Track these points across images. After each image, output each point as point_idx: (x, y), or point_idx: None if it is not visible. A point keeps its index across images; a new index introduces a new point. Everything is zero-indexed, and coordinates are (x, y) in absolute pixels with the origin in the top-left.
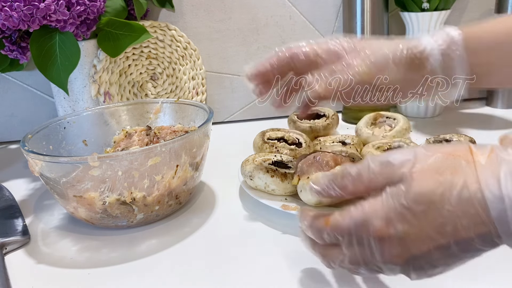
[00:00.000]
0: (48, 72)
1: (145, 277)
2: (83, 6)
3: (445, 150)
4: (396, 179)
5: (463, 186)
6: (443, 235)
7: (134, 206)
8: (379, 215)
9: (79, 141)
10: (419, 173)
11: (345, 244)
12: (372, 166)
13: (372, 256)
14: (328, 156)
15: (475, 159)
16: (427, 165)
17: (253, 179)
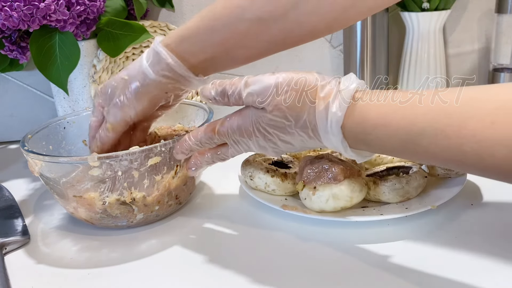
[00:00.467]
0: (48, 72)
1: (145, 277)
2: (83, 6)
3: (299, 88)
4: (260, 106)
5: (305, 121)
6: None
7: (134, 206)
8: (247, 126)
9: (79, 141)
10: (276, 107)
11: (230, 143)
12: (242, 95)
13: (248, 147)
14: (337, 168)
15: (316, 102)
16: (282, 102)
17: (253, 179)
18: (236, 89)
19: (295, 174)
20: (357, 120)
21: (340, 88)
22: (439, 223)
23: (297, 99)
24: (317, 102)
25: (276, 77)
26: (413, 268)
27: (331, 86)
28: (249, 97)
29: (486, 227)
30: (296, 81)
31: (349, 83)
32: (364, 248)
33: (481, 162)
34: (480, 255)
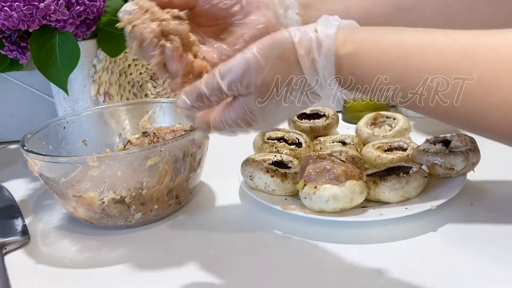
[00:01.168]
0: (48, 72)
1: (144, 277)
2: (83, 6)
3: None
4: (244, 92)
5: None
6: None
7: (131, 205)
8: (242, 117)
9: (78, 141)
10: (263, 85)
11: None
12: (224, 89)
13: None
14: (339, 169)
15: (301, 61)
16: (266, 76)
17: (253, 179)
18: (214, 86)
19: (295, 174)
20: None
21: (319, 36)
22: (439, 223)
23: (280, 67)
24: (301, 60)
25: (247, 56)
26: (413, 268)
27: (307, 37)
28: (232, 88)
29: (486, 227)
30: (268, 47)
31: (326, 28)
32: (364, 248)
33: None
34: (480, 255)
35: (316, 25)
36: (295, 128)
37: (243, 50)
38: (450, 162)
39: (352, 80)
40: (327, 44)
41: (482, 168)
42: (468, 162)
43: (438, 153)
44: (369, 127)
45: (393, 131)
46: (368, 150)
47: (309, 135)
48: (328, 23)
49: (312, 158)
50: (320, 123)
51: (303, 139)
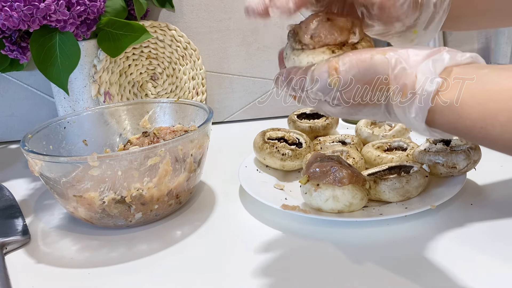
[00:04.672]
0: (48, 72)
1: (145, 276)
2: (83, 6)
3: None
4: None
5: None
6: None
7: (132, 205)
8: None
9: (79, 141)
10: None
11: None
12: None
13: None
14: (345, 173)
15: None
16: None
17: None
18: (302, 85)
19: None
20: (446, 119)
21: (416, 87)
22: (439, 223)
23: (368, 92)
24: (392, 95)
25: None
26: (413, 268)
27: (404, 78)
28: (316, 94)
29: (486, 227)
30: (362, 71)
31: (426, 79)
32: (364, 248)
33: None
34: (480, 255)
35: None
36: (295, 128)
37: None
38: (452, 160)
39: (448, 128)
40: (423, 100)
41: (482, 168)
42: (470, 160)
43: (439, 152)
44: (369, 127)
45: (393, 131)
46: (368, 150)
47: (309, 135)
48: (431, 71)
49: (321, 156)
50: (320, 123)
51: (303, 139)
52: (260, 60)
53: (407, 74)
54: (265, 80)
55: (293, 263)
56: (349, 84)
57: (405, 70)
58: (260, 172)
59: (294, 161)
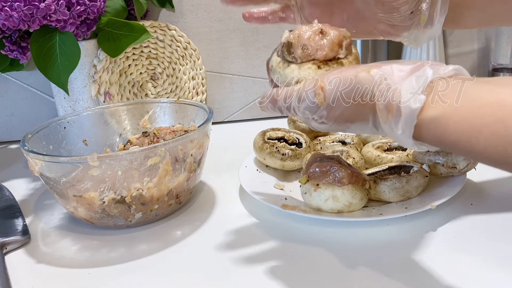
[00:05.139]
0: (48, 72)
1: (145, 276)
2: (83, 6)
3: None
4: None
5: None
6: None
7: (132, 205)
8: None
9: (79, 141)
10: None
11: None
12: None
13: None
14: (345, 173)
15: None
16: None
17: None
18: (291, 101)
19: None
20: (433, 136)
21: (401, 106)
22: (439, 223)
23: (355, 111)
24: (379, 112)
25: (327, 91)
26: (413, 268)
27: (388, 92)
28: (306, 113)
29: (486, 227)
30: (349, 91)
31: (408, 97)
32: (364, 248)
33: None
34: (480, 255)
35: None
36: (295, 128)
37: (326, 79)
38: (452, 160)
39: (435, 142)
40: (407, 119)
41: (482, 168)
42: (470, 160)
43: (439, 152)
44: None
45: None
46: (368, 150)
47: (309, 135)
48: (414, 89)
49: (320, 156)
50: None
51: (303, 139)
52: (260, 60)
53: (392, 90)
54: (265, 80)
55: (293, 263)
56: (336, 102)
57: (389, 86)
58: (260, 172)
59: (294, 161)
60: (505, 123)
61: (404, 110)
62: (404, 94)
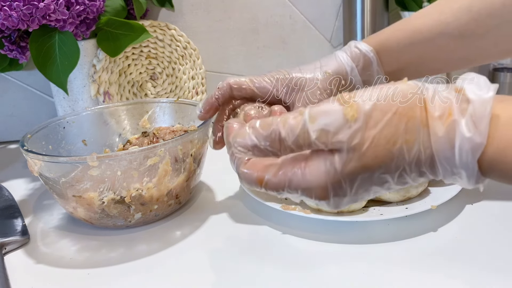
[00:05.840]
0: (48, 72)
1: (144, 277)
2: (83, 6)
3: (398, 110)
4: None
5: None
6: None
7: (131, 205)
8: (321, 184)
9: (78, 141)
10: (371, 146)
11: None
12: (311, 134)
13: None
14: None
15: (431, 124)
16: (378, 134)
17: None
18: (297, 129)
19: None
20: (499, 146)
21: (469, 97)
22: (439, 223)
23: (400, 126)
24: (431, 124)
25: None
26: (413, 268)
27: (443, 97)
28: (323, 137)
29: (486, 227)
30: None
31: (480, 89)
32: (364, 248)
33: None
34: (480, 255)
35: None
36: None
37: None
38: None
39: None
40: (480, 108)
41: None
42: None
43: None
44: None
45: None
46: None
47: None
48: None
49: None
50: None
51: None
52: (260, 60)
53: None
54: None
55: (293, 263)
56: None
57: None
58: None
59: None
60: None
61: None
62: (468, 86)
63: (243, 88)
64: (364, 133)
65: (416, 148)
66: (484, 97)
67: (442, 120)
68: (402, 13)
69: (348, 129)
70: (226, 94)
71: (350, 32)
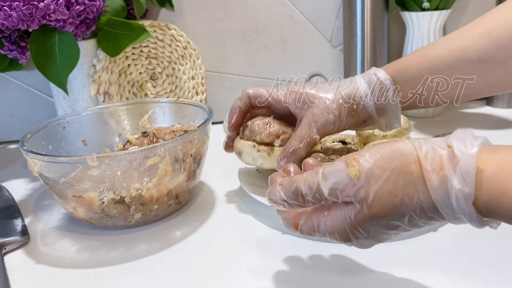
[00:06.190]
0: (48, 72)
1: (144, 277)
2: (83, 6)
3: (395, 166)
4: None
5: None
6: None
7: (131, 205)
8: (341, 230)
9: (78, 141)
10: (375, 199)
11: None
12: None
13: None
14: None
15: (426, 178)
16: (380, 189)
17: (242, 155)
18: (313, 186)
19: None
20: (491, 193)
21: (456, 153)
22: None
23: (398, 181)
24: (427, 176)
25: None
26: (413, 268)
27: (436, 152)
28: (333, 194)
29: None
30: (387, 158)
31: (465, 146)
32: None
33: None
34: (480, 255)
35: (450, 140)
36: None
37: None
38: None
39: (493, 207)
40: (466, 162)
41: None
42: None
43: None
44: None
45: (393, 130)
46: None
47: None
48: (467, 141)
49: (320, 157)
50: None
51: None
52: (260, 60)
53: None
54: (265, 80)
55: (293, 263)
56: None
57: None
58: (260, 172)
59: None
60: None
61: (461, 156)
62: (456, 144)
63: (260, 98)
64: (368, 189)
65: (416, 198)
66: (469, 153)
67: (435, 173)
68: (402, 13)
69: (353, 186)
70: (247, 103)
71: (350, 32)
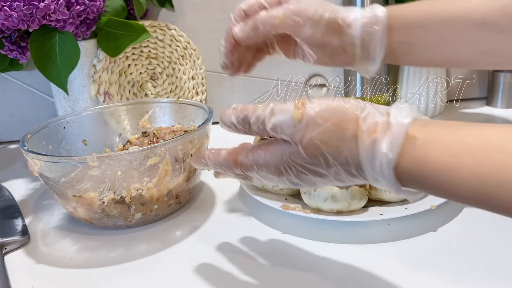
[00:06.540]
0: (48, 72)
1: (144, 277)
2: (83, 6)
3: (336, 120)
4: (287, 139)
5: (346, 158)
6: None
7: (131, 205)
8: (277, 164)
9: (78, 141)
10: (309, 144)
11: (255, 177)
12: (267, 126)
13: (277, 183)
14: None
15: (359, 137)
16: (316, 136)
17: None
18: (260, 118)
19: None
20: (414, 162)
21: (391, 121)
22: (439, 223)
23: (334, 133)
24: (360, 136)
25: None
26: (413, 268)
27: (375, 117)
28: (275, 129)
29: (486, 227)
30: (331, 110)
31: (401, 115)
32: (364, 248)
33: None
34: (480, 255)
35: (390, 108)
36: None
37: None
38: None
39: (415, 176)
40: (397, 130)
41: None
42: None
43: None
44: None
45: None
46: None
47: None
48: (403, 111)
49: None
50: None
51: None
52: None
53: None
54: (265, 80)
55: (293, 263)
56: (316, 120)
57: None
58: None
59: None
60: (488, 153)
61: (394, 125)
62: (393, 112)
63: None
64: (304, 133)
65: (345, 153)
66: (402, 122)
67: (368, 134)
68: None
69: (293, 127)
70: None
71: None
